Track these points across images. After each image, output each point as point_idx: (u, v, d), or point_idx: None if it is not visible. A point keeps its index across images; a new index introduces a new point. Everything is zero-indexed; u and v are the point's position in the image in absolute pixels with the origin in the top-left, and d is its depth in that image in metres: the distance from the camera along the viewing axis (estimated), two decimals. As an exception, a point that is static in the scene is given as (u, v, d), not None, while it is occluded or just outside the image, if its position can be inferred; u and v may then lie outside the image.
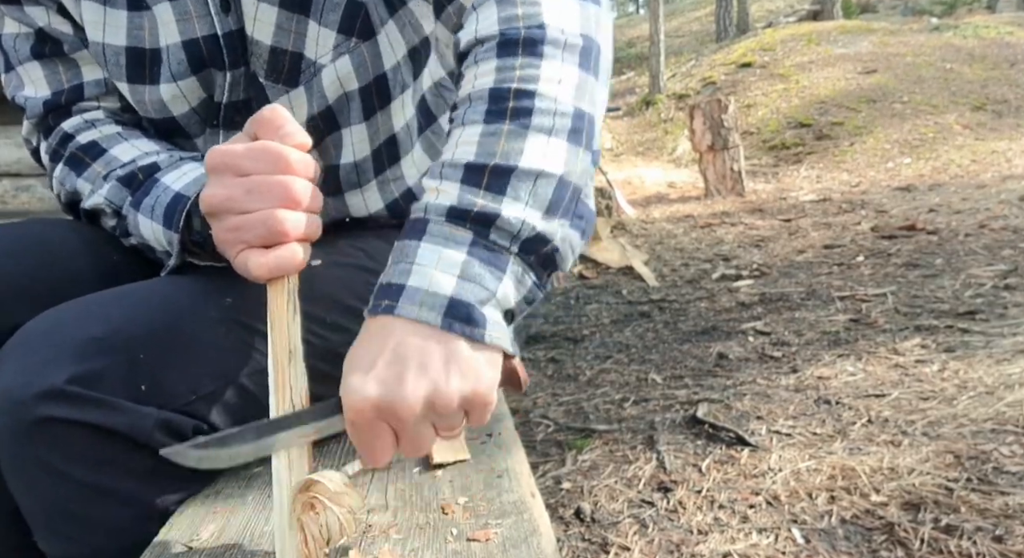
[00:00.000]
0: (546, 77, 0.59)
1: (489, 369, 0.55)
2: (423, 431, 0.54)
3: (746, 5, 15.40)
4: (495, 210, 0.55)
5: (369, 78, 0.84)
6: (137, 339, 0.64)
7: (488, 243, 0.55)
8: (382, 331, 0.54)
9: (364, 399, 0.51)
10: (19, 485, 0.63)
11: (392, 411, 0.52)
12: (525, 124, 0.58)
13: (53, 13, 0.81)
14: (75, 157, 0.81)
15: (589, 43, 0.63)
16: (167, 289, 0.71)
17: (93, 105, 0.84)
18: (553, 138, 0.58)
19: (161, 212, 0.73)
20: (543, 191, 0.57)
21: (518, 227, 0.56)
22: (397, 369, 0.52)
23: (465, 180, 0.56)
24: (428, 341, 0.53)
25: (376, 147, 0.90)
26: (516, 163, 0.56)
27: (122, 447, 0.62)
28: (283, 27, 0.78)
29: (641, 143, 10.46)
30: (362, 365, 0.53)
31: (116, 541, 0.64)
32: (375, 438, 0.53)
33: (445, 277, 0.54)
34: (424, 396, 0.52)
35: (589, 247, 4.86)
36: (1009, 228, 4.48)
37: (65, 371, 0.59)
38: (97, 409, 0.60)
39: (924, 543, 1.45)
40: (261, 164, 0.61)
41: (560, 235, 0.58)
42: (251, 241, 0.61)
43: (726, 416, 2.22)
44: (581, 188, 0.60)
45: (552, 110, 0.59)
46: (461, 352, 0.53)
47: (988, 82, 9.72)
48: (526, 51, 0.60)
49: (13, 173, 2.60)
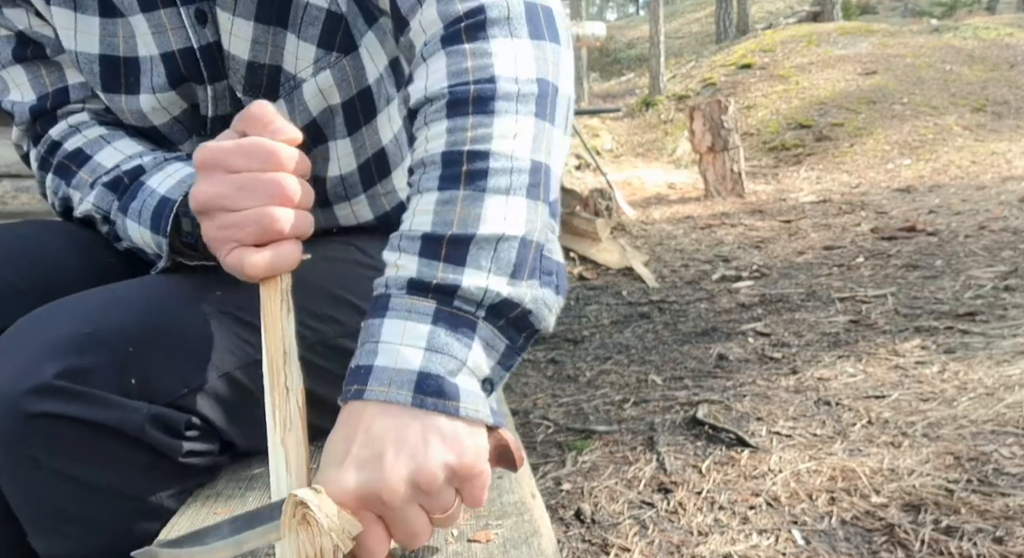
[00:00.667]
0: (499, 134, 0.57)
1: (472, 439, 0.51)
2: (414, 516, 0.51)
3: (746, 6, 15.41)
4: (455, 281, 0.53)
5: (352, 92, 0.83)
6: (126, 333, 0.64)
7: (453, 310, 0.53)
8: (352, 417, 0.51)
9: (344, 490, 0.49)
10: (11, 483, 0.63)
11: (376, 497, 0.49)
12: (481, 187, 0.55)
13: (33, 16, 0.80)
14: (62, 166, 0.81)
15: (545, 88, 0.60)
16: (156, 284, 0.71)
17: (78, 108, 0.83)
18: (512, 197, 0.56)
19: (148, 216, 0.72)
20: (505, 255, 0.54)
21: (480, 295, 0.53)
22: (372, 450, 0.49)
23: (423, 252, 0.54)
24: (402, 419, 0.50)
25: (363, 161, 0.89)
26: (474, 231, 0.54)
27: (113, 442, 0.62)
28: (259, 41, 0.77)
29: (641, 144, 10.46)
30: (336, 455, 0.50)
31: (110, 539, 0.64)
32: (365, 531, 0.50)
33: (411, 351, 0.52)
34: (406, 475, 0.49)
35: (589, 248, 4.86)
36: (1009, 229, 4.48)
37: (54, 366, 0.59)
38: (87, 404, 0.60)
39: (924, 544, 1.45)
40: (252, 161, 0.59)
41: (530, 296, 0.55)
42: (243, 239, 0.60)
43: (726, 417, 2.22)
44: (543, 244, 0.57)
45: (508, 168, 0.56)
46: (439, 424, 0.50)
47: (988, 83, 9.72)
48: (476, 109, 0.57)
49: (13, 174, 2.60)
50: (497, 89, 0.58)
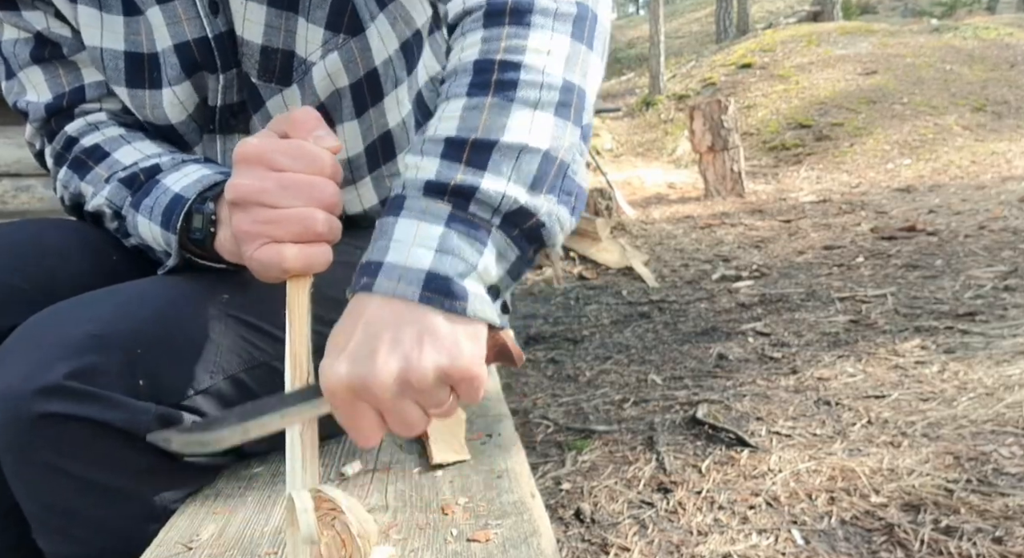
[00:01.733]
0: (533, 48, 0.57)
1: (469, 342, 0.53)
2: (406, 409, 0.52)
3: (746, 6, 15.40)
4: (474, 183, 0.53)
5: (359, 74, 0.84)
6: (134, 335, 0.64)
7: (467, 216, 0.54)
8: (357, 309, 0.53)
9: (336, 379, 0.51)
10: (19, 482, 0.63)
11: (365, 389, 0.50)
12: (509, 97, 0.56)
13: (51, 17, 0.81)
14: (78, 160, 0.81)
15: (584, 11, 0.60)
16: (164, 286, 0.71)
17: (95, 107, 0.84)
18: (539, 112, 0.56)
19: (160, 212, 0.73)
20: (527, 166, 0.55)
21: (499, 200, 0.54)
22: (368, 346, 0.51)
23: (445, 155, 0.55)
24: (401, 316, 0.52)
25: (370, 143, 0.90)
26: (498, 137, 0.54)
27: (120, 443, 0.62)
28: (272, 26, 0.78)
29: (641, 144, 10.46)
30: (335, 347, 0.52)
31: (114, 540, 0.64)
32: (358, 418, 0.52)
33: (423, 251, 0.53)
34: (396, 371, 0.50)
35: (589, 248, 4.86)
36: (1009, 229, 4.48)
37: (63, 367, 0.59)
38: (95, 404, 0.60)
39: (924, 544, 1.45)
40: (298, 162, 0.61)
41: (546, 209, 0.56)
42: (281, 236, 0.61)
43: (726, 417, 2.22)
44: (568, 163, 0.57)
45: (539, 82, 0.56)
46: (436, 326, 0.51)
47: (988, 83, 9.72)
48: (513, 20, 0.58)
49: (13, 173, 2.60)
50: (535, 3, 0.59)
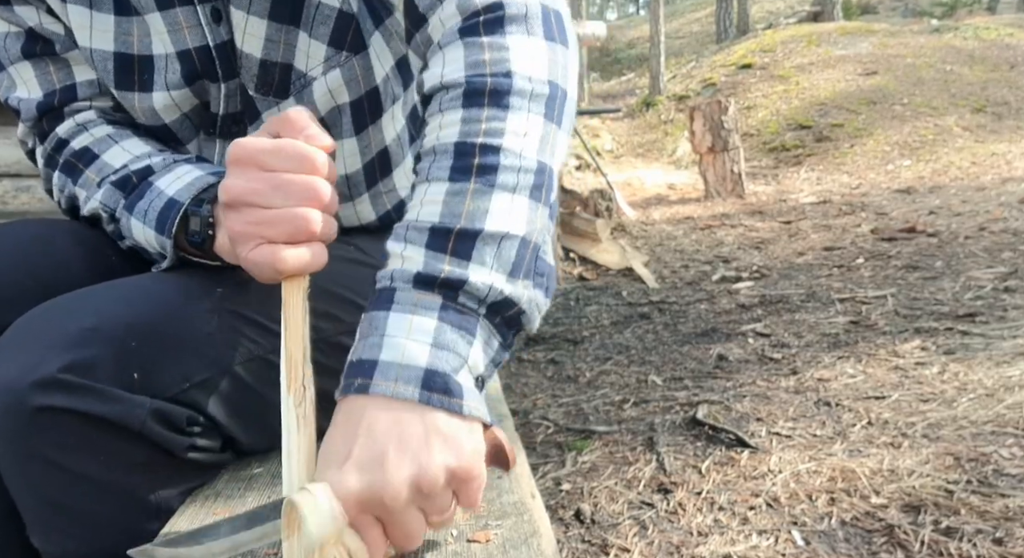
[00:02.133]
0: (511, 130, 0.58)
1: (470, 440, 0.52)
2: (412, 518, 0.50)
3: (746, 6, 15.41)
4: (462, 276, 0.53)
5: (361, 92, 0.83)
6: (128, 328, 0.64)
7: (457, 306, 0.54)
8: (353, 413, 0.51)
9: (345, 493, 0.48)
10: (15, 478, 0.63)
11: (378, 500, 0.49)
12: (490, 182, 0.56)
13: (43, 13, 0.80)
14: (69, 164, 0.81)
15: (555, 91, 0.61)
16: (159, 281, 0.71)
17: (85, 105, 0.83)
18: (517, 196, 0.57)
19: (154, 217, 0.73)
20: (507, 253, 0.55)
21: (485, 292, 0.54)
22: (374, 452, 0.49)
23: (430, 244, 0.55)
24: (403, 417, 0.50)
25: (368, 160, 0.89)
26: (481, 226, 0.55)
27: (116, 437, 0.62)
28: (273, 39, 0.77)
29: (641, 144, 10.46)
30: (337, 456, 0.50)
31: (111, 537, 0.64)
32: (364, 532, 0.50)
33: (418, 346, 0.52)
34: (408, 477, 0.49)
35: (589, 249, 4.86)
36: (1009, 230, 4.49)
37: (59, 360, 0.59)
38: (90, 397, 0.60)
39: (924, 545, 1.45)
40: (288, 162, 0.61)
41: (526, 297, 0.56)
42: (274, 237, 0.61)
43: (726, 418, 2.22)
44: (540, 245, 0.58)
45: (517, 167, 0.57)
46: (440, 425, 0.50)
47: (988, 84, 9.72)
48: (492, 102, 0.58)
49: (13, 173, 2.59)
50: (513, 85, 0.59)
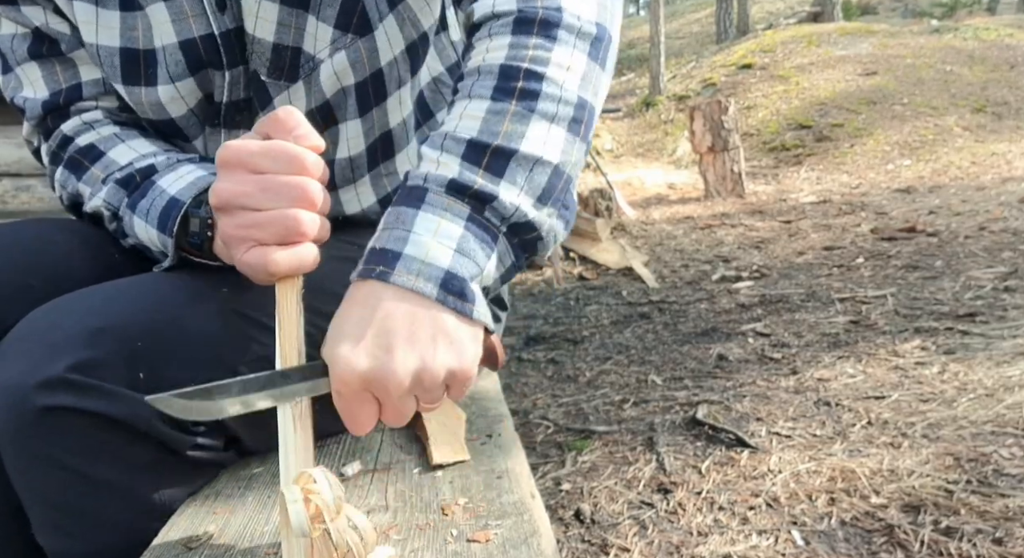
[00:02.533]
0: (556, 62, 0.60)
1: (472, 344, 0.56)
2: (407, 403, 0.55)
3: (746, 7, 15.41)
4: (493, 191, 0.56)
5: (366, 74, 0.84)
6: (134, 328, 0.64)
7: (483, 219, 0.56)
8: (371, 298, 0.54)
9: (352, 371, 0.52)
10: (20, 477, 0.63)
11: (381, 384, 0.52)
12: (531, 107, 0.58)
13: (50, 13, 0.80)
14: (74, 160, 0.81)
15: (602, 33, 0.64)
16: (164, 281, 0.71)
17: (91, 105, 0.84)
18: (555, 125, 0.59)
19: (156, 215, 0.73)
20: (538, 178, 0.58)
21: (512, 211, 0.57)
22: (386, 341, 0.52)
23: (466, 156, 0.57)
24: (417, 312, 0.53)
25: (371, 143, 0.90)
26: (517, 147, 0.57)
27: (122, 437, 0.62)
28: (284, 23, 0.78)
29: (641, 144, 10.46)
30: (351, 334, 0.53)
31: (115, 538, 0.64)
32: (360, 407, 0.54)
33: (442, 249, 0.55)
34: (413, 370, 0.53)
35: (589, 248, 4.86)
36: (1009, 230, 4.48)
37: (65, 360, 0.60)
38: (97, 397, 0.60)
39: (924, 545, 1.45)
40: (277, 163, 0.61)
41: (547, 225, 0.59)
42: (265, 239, 0.61)
43: (726, 418, 2.22)
44: (572, 178, 0.61)
45: (557, 96, 0.59)
46: (449, 327, 0.54)
47: (988, 84, 9.72)
48: (541, 32, 0.61)
49: (13, 173, 2.60)
50: (563, 19, 0.62)
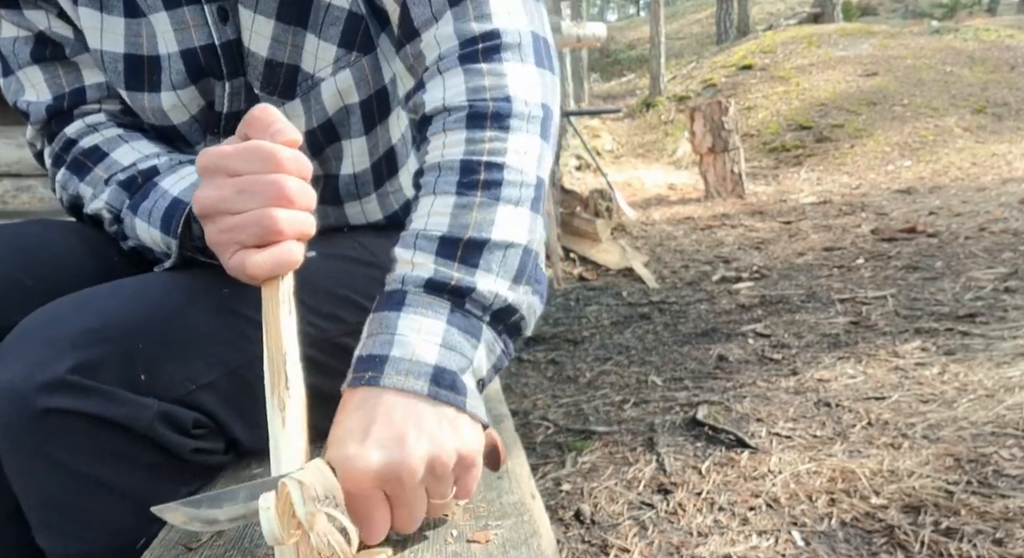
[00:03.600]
0: (513, 150, 0.62)
1: (473, 432, 0.56)
2: (419, 498, 0.54)
3: (747, 7, 15.42)
4: (471, 283, 0.57)
5: (370, 91, 0.84)
6: (134, 329, 0.64)
7: (464, 312, 0.58)
8: (367, 402, 0.54)
9: (366, 467, 0.51)
10: (21, 479, 0.63)
11: (395, 475, 0.51)
12: (495, 196, 0.60)
13: (53, 17, 0.80)
14: (77, 162, 0.81)
15: (547, 113, 0.66)
16: (164, 281, 0.71)
17: (95, 108, 0.84)
18: (519, 208, 0.61)
19: (159, 216, 0.73)
20: (511, 261, 0.60)
21: (491, 299, 0.58)
22: (394, 432, 0.52)
23: (440, 252, 0.58)
24: (418, 405, 0.53)
25: (376, 160, 0.89)
26: (488, 236, 0.59)
27: (122, 439, 0.62)
28: (279, 40, 0.77)
29: (641, 145, 10.46)
30: (355, 434, 0.52)
31: (115, 540, 0.64)
32: (373, 510, 0.52)
33: (428, 346, 0.55)
34: (426, 456, 0.52)
35: (589, 249, 4.86)
36: (1009, 231, 4.49)
37: (66, 361, 0.59)
38: (97, 399, 0.60)
39: (924, 546, 1.45)
40: (252, 163, 0.59)
41: (526, 303, 0.61)
42: (245, 241, 0.60)
43: (726, 418, 2.22)
44: (538, 253, 0.63)
45: (519, 181, 0.62)
46: (449, 415, 0.54)
47: (988, 85, 9.72)
48: (494, 124, 0.63)
49: (13, 173, 2.60)
50: (512, 108, 0.64)
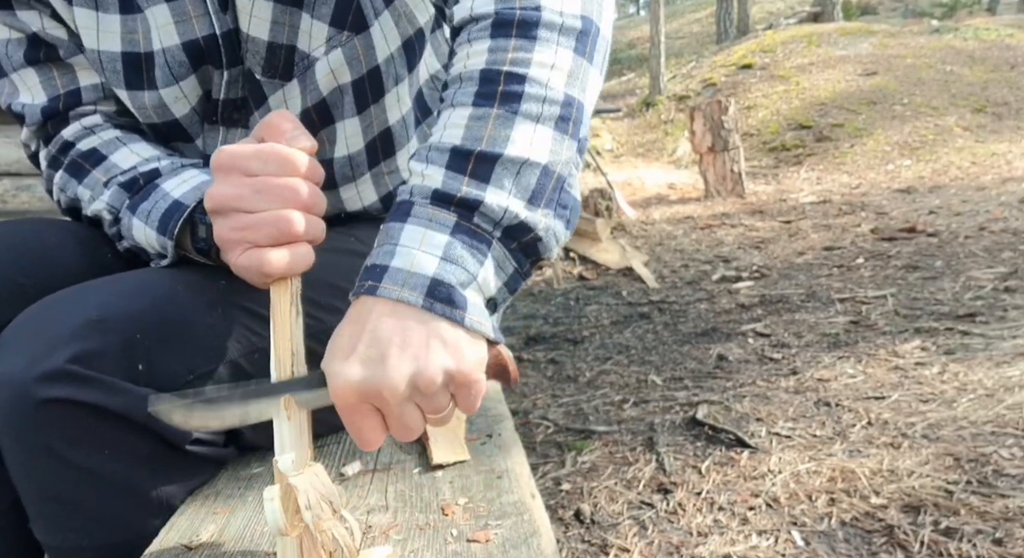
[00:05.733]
0: (538, 61, 0.59)
1: (471, 349, 0.54)
2: (410, 412, 0.54)
3: (746, 7, 15.41)
4: (478, 197, 0.55)
5: (362, 71, 0.84)
6: (134, 320, 0.64)
7: (472, 226, 0.56)
8: (362, 312, 0.54)
9: (346, 382, 0.52)
10: (19, 470, 0.63)
11: (376, 392, 0.52)
12: (513, 110, 0.57)
13: (47, 18, 0.80)
14: (75, 164, 0.81)
15: (587, 26, 0.62)
16: (162, 274, 0.72)
17: (90, 109, 0.84)
18: (540, 125, 0.58)
19: (157, 217, 0.73)
20: (527, 180, 0.57)
21: (501, 214, 0.56)
22: (378, 349, 0.52)
23: (450, 165, 0.56)
24: (408, 320, 0.53)
25: (370, 140, 0.90)
26: (502, 150, 0.56)
27: (121, 429, 0.63)
28: (278, 21, 0.78)
29: (641, 144, 10.46)
30: (343, 348, 0.53)
31: (113, 532, 0.64)
32: (362, 420, 0.54)
33: (428, 257, 0.54)
34: (407, 374, 0.52)
35: (589, 248, 4.86)
36: (1009, 230, 4.48)
37: (66, 351, 0.60)
38: (97, 389, 0.61)
39: (924, 546, 1.45)
40: (270, 166, 0.61)
41: (544, 224, 0.58)
42: (259, 240, 0.61)
43: (726, 418, 2.22)
44: (565, 177, 0.59)
45: (541, 96, 0.58)
46: (442, 330, 0.53)
47: (988, 84, 9.72)
48: (520, 33, 0.60)
49: (13, 173, 2.60)
50: (543, 17, 0.60)
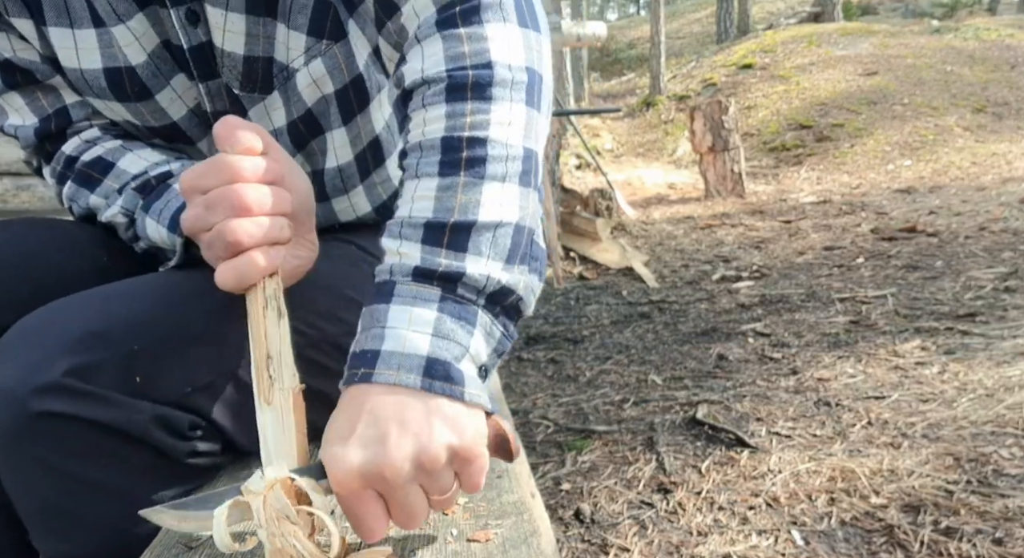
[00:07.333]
0: (496, 121, 0.58)
1: (472, 422, 0.53)
2: (414, 495, 0.52)
3: (747, 7, 15.41)
4: (460, 268, 0.55)
5: (345, 80, 0.82)
6: (132, 331, 0.64)
7: (456, 298, 0.55)
8: (357, 399, 0.52)
9: (348, 467, 0.50)
10: (15, 482, 0.62)
11: (379, 474, 0.50)
12: (480, 174, 0.57)
13: (16, 39, 0.78)
14: (84, 174, 0.80)
15: (533, 77, 0.62)
16: (161, 283, 0.71)
17: (86, 125, 0.82)
18: (507, 184, 0.58)
19: (168, 215, 0.73)
20: (502, 241, 0.56)
21: (484, 282, 0.55)
22: (377, 430, 0.50)
23: (426, 239, 0.55)
24: (407, 400, 0.51)
25: (360, 151, 0.88)
26: (475, 217, 0.56)
27: (118, 442, 0.62)
28: (252, 34, 0.76)
29: (641, 144, 10.46)
30: (340, 433, 0.51)
31: (112, 540, 0.64)
32: (365, 509, 0.51)
33: (419, 336, 0.53)
34: (410, 453, 0.50)
35: (589, 248, 4.86)
36: (1009, 230, 4.49)
37: (62, 364, 0.59)
38: (93, 403, 0.60)
39: (924, 545, 1.45)
40: (215, 177, 0.59)
41: (523, 283, 0.58)
42: (219, 256, 0.60)
43: (726, 417, 2.22)
44: (535, 229, 0.59)
45: (504, 156, 0.58)
46: (442, 407, 0.52)
47: (988, 84, 9.72)
48: (475, 95, 0.59)
49: (13, 172, 2.59)
50: (494, 75, 0.60)
